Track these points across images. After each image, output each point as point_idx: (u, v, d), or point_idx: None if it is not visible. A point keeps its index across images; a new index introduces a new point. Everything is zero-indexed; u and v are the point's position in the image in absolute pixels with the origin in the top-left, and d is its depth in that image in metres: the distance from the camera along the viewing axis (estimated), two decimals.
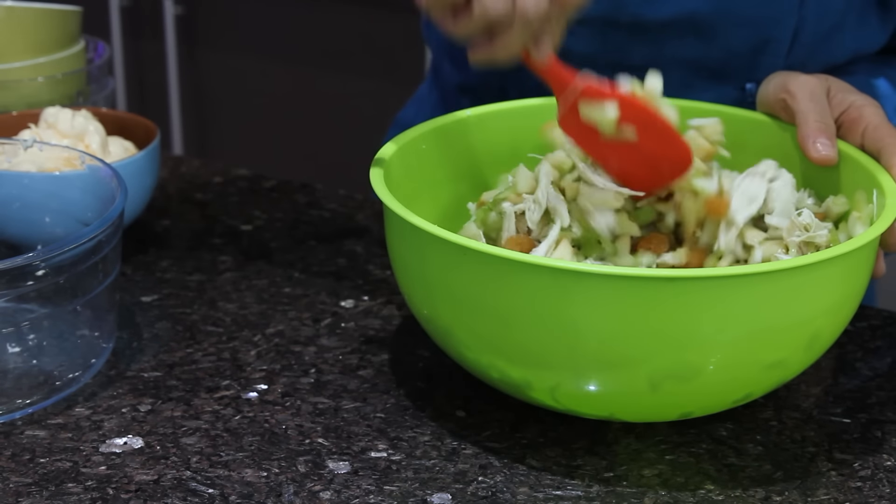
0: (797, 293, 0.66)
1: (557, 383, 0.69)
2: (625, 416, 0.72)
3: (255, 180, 1.09)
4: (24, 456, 0.71)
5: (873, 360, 0.82)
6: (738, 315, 0.65)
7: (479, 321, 0.68)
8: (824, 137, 0.76)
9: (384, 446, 0.72)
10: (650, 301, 0.63)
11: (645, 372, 0.66)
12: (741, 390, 0.70)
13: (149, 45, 2.51)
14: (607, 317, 0.64)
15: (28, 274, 0.72)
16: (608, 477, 0.70)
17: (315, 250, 0.96)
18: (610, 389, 0.68)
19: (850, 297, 0.70)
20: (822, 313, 0.68)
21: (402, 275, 0.74)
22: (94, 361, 0.78)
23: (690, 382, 0.67)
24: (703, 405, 0.71)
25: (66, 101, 1.05)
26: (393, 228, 0.73)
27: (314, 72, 2.34)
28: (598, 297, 0.64)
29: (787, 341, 0.67)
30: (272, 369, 0.80)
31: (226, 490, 0.68)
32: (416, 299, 0.73)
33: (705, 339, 0.65)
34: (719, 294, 0.64)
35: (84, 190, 0.83)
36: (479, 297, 0.67)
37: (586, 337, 0.65)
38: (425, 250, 0.69)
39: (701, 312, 0.64)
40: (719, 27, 0.88)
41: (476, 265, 0.66)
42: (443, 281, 0.69)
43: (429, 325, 0.73)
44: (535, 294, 0.65)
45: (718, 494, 0.68)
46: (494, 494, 0.68)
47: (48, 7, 1.06)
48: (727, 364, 0.66)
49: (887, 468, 0.71)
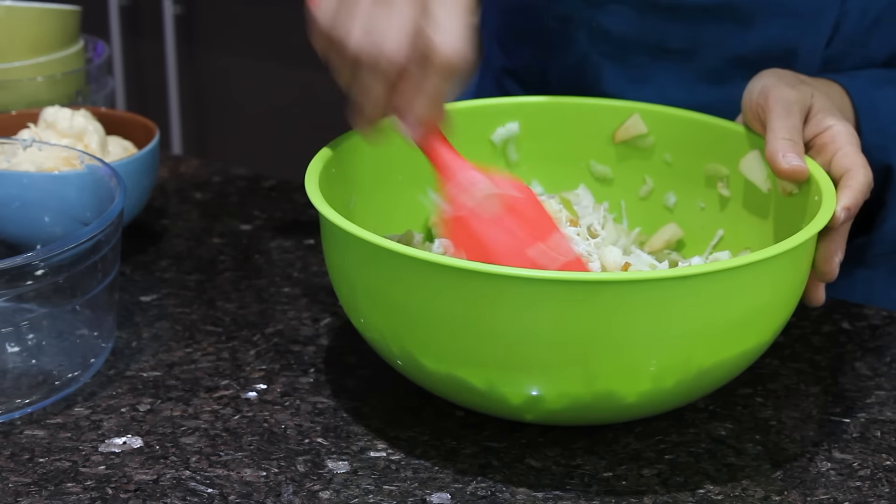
0: (730, 294, 0.66)
1: (500, 389, 0.68)
2: (562, 418, 0.71)
3: (255, 180, 1.09)
4: (24, 456, 0.70)
5: (873, 360, 0.82)
6: (669, 318, 0.65)
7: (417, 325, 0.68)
8: (792, 153, 0.75)
9: (383, 446, 0.72)
10: (580, 304, 0.64)
11: (580, 375, 0.66)
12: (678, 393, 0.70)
13: (148, 45, 2.51)
14: (533, 321, 0.64)
15: (27, 273, 0.72)
16: (607, 477, 0.70)
17: (315, 250, 0.96)
18: (546, 393, 0.68)
19: (780, 301, 0.70)
20: (753, 314, 0.68)
21: (338, 282, 0.74)
22: (94, 361, 0.78)
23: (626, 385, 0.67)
24: (641, 405, 0.70)
25: (66, 101, 1.05)
26: (328, 236, 0.73)
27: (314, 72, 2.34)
28: (523, 301, 0.64)
29: (721, 342, 0.68)
30: (271, 369, 0.80)
31: (225, 490, 0.68)
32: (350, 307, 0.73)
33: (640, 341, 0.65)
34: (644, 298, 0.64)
35: (83, 189, 0.83)
36: (391, 297, 0.67)
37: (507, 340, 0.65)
38: (350, 254, 0.69)
39: (631, 315, 0.64)
40: (758, 15, 0.87)
41: (389, 266, 0.66)
42: (372, 285, 0.69)
43: (365, 333, 0.73)
44: (458, 296, 0.65)
45: (718, 494, 0.68)
46: (494, 494, 0.68)
47: (47, 7, 1.06)
48: (666, 367, 0.67)
49: (886, 468, 0.71)
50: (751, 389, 0.78)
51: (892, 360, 0.82)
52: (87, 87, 1.09)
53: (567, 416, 0.70)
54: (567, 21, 0.91)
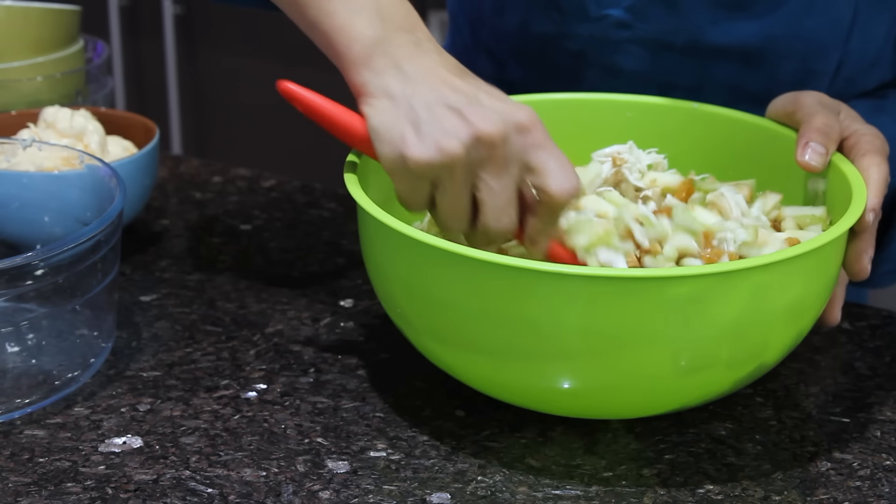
0: (770, 288, 0.66)
1: (527, 380, 0.69)
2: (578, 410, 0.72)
3: (255, 180, 1.09)
4: (24, 455, 0.70)
5: (873, 359, 0.82)
6: (707, 316, 0.65)
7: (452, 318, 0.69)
8: (819, 141, 0.76)
9: (383, 446, 0.72)
10: (618, 300, 0.64)
11: (611, 369, 0.67)
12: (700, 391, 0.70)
13: (148, 45, 2.51)
14: (568, 315, 0.65)
15: (27, 273, 0.72)
16: (607, 476, 0.70)
17: (315, 250, 0.96)
18: (576, 385, 0.68)
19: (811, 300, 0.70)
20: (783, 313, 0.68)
21: (374, 273, 0.74)
22: (94, 361, 0.78)
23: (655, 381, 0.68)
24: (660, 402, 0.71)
25: (65, 101, 1.05)
26: (366, 228, 0.74)
27: (314, 72, 2.34)
28: (559, 296, 0.65)
29: (753, 340, 0.68)
30: (271, 369, 0.80)
31: (225, 490, 0.68)
32: (387, 297, 0.74)
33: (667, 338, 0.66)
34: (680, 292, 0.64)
35: (83, 189, 0.83)
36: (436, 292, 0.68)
37: (545, 334, 0.66)
38: (389, 246, 0.70)
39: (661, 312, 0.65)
40: (767, 57, 0.89)
41: (445, 266, 0.67)
42: (410, 278, 0.69)
43: (400, 322, 0.74)
44: (491, 291, 0.66)
45: (718, 494, 0.68)
46: (493, 494, 0.68)
47: (47, 6, 1.06)
48: (693, 365, 0.67)
49: (886, 468, 0.71)
50: (751, 389, 0.78)
51: (892, 360, 0.82)
52: (87, 87, 1.09)
53: (596, 410, 0.71)
54: (579, 57, 0.92)
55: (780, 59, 0.89)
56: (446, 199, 0.69)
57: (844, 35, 0.88)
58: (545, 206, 0.70)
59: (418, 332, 0.72)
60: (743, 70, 0.89)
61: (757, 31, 0.87)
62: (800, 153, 0.76)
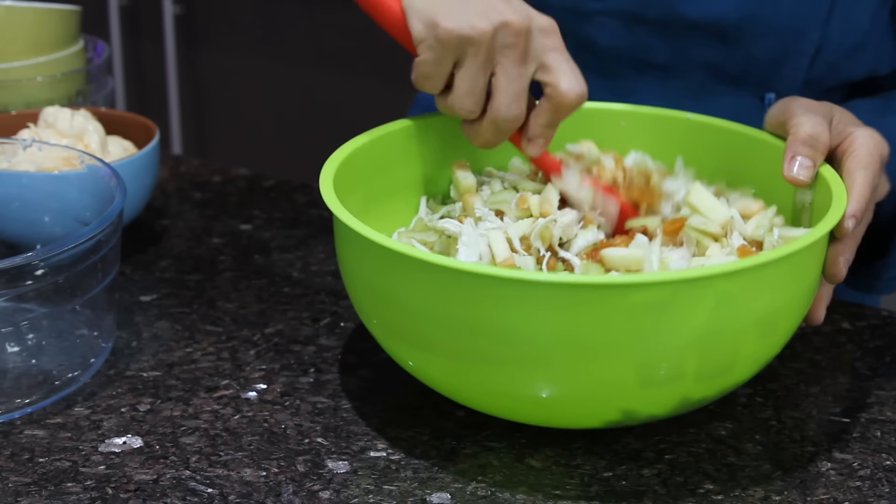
0: (736, 296, 0.65)
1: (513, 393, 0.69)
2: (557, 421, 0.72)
3: (255, 180, 1.09)
4: (24, 455, 0.71)
5: (873, 359, 0.82)
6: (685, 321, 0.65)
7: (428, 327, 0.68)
8: (806, 154, 0.75)
9: (383, 446, 0.72)
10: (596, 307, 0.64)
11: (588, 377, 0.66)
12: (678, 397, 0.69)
13: (148, 45, 2.51)
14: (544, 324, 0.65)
15: (27, 273, 0.72)
16: (607, 476, 0.70)
17: (314, 250, 0.96)
18: (553, 394, 0.68)
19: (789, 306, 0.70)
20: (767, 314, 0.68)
21: (347, 280, 0.74)
22: (94, 361, 0.78)
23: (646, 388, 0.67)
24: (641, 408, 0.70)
25: (66, 101, 1.05)
26: (339, 235, 0.73)
27: (314, 72, 2.34)
28: (533, 304, 0.64)
29: (722, 350, 0.67)
30: (271, 369, 0.80)
31: (225, 490, 0.68)
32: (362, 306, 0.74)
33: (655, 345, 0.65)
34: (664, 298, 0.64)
35: (83, 189, 0.83)
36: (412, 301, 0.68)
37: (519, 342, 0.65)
38: (358, 253, 0.70)
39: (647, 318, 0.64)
40: (744, 34, 0.88)
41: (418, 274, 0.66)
42: (379, 285, 0.69)
43: (371, 328, 0.74)
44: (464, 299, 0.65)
45: (718, 494, 0.68)
46: (493, 494, 0.68)
47: (47, 7, 1.06)
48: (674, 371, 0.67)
49: (886, 468, 0.71)
50: (751, 389, 0.78)
51: (892, 360, 0.82)
52: (87, 87, 1.09)
53: (564, 419, 0.70)
54: None
55: (756, 37, 0.88)
56: (466, 75, 0.73)
57: (824, 16, 0.88)
58: (552, 104, 0.74)
59: (387, 337, 0.72)
60: (719, 48, 0.89)
61: (733, 7, 0.87)
62: (786, 167, 0.75)
